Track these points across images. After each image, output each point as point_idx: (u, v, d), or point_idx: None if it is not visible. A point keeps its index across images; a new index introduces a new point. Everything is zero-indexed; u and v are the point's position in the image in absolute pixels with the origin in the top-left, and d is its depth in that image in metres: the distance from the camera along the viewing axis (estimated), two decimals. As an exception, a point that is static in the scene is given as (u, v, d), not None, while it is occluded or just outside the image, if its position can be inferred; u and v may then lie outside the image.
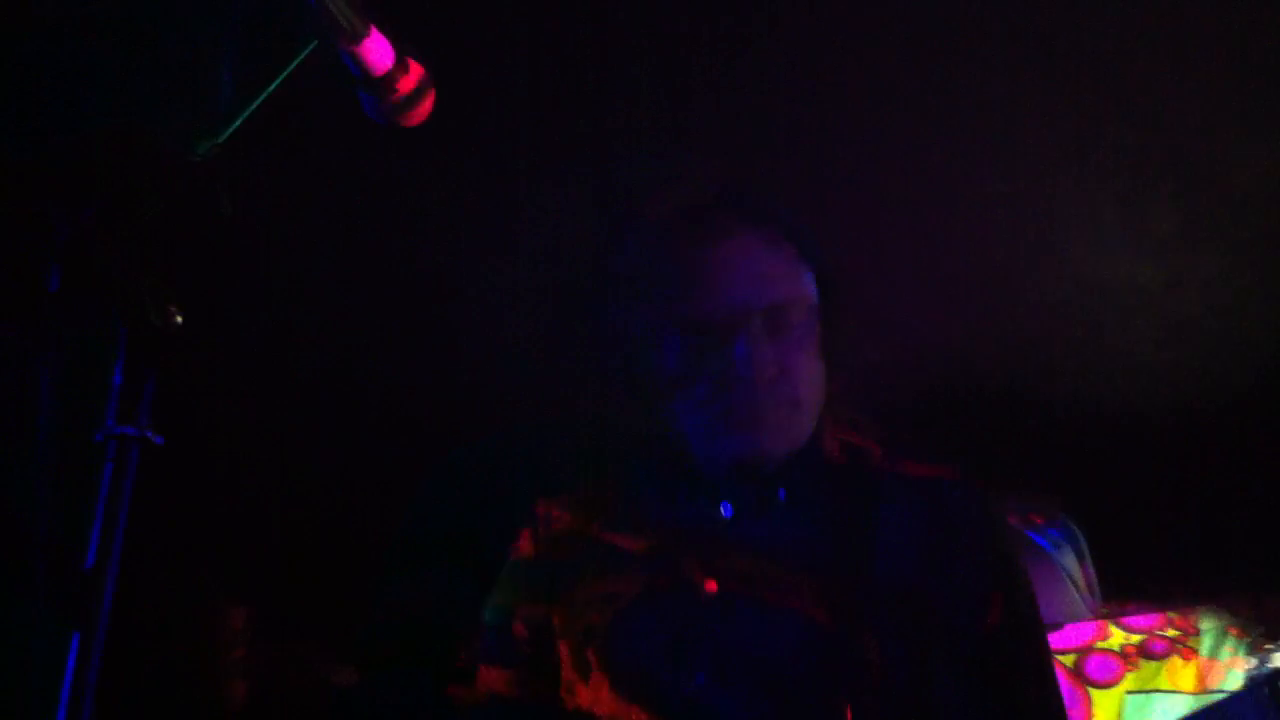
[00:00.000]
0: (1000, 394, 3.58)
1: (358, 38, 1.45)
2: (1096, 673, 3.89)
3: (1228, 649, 3.94)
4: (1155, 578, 3.84)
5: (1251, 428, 3.53)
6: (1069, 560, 3.64)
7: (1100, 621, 3.82)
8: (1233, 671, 3.93)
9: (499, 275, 3.17)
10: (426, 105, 1.57)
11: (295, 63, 1.30)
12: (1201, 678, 3.97)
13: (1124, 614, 4.04)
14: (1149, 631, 3.97)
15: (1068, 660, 3.73)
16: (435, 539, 1.80)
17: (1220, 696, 3.87)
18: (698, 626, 1.65)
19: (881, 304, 3.19)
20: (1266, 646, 3.88)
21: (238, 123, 1.20)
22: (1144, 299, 3.28)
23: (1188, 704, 3.88)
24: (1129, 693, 3.92)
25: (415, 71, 1.55)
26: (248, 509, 3.26)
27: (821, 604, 1.65)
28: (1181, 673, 4.00)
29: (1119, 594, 3.89)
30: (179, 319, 1.08)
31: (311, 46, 1.34)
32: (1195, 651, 3.97)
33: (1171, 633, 4.00)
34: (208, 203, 1.14)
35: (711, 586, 1.67)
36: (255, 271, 2.94)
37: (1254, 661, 3.87)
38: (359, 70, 1.48)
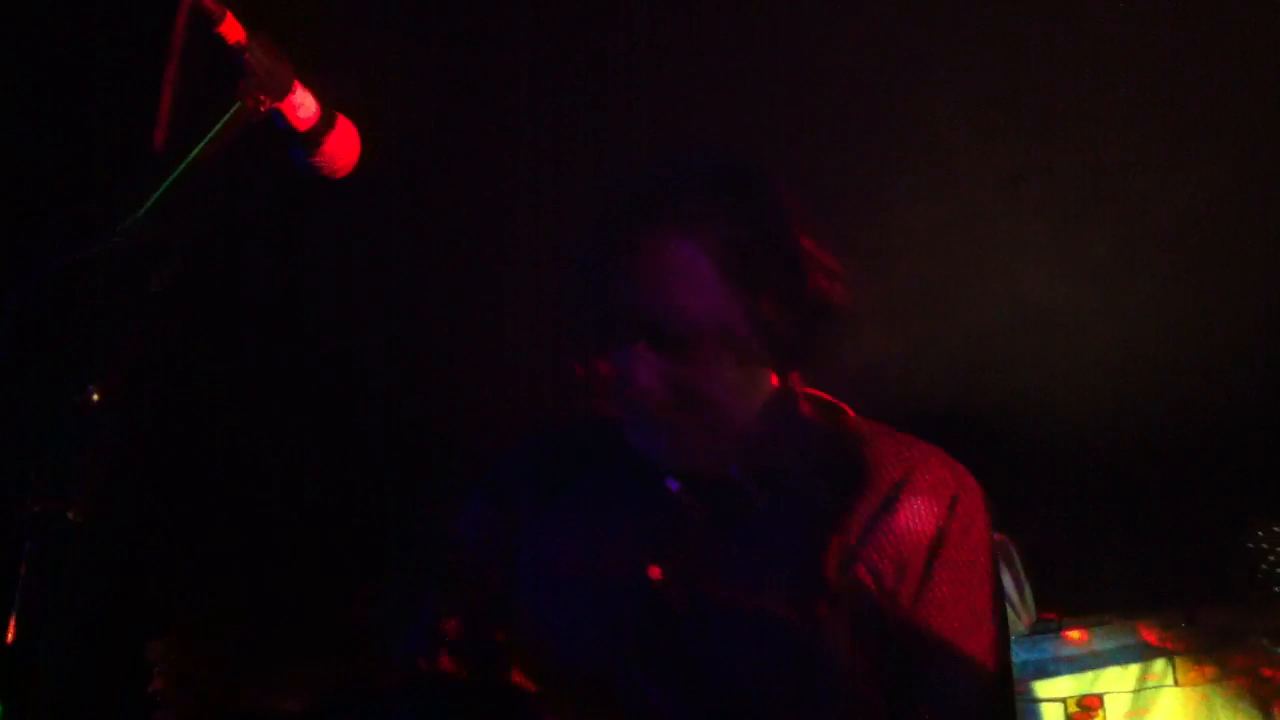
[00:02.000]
0: (940, 412, 3.61)
1: (282, 93, 1.44)
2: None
3: None
4: (1090, 592, 3.90)
5: (1182, 444, 3.60)
6: (1004, 576, 3.68)
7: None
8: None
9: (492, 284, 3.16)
10: (353, 157, 1.56)
11: (220, 125, 1.28)
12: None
13: (1060, 628, 4.14)
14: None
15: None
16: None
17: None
18: (635, 620, 1.54)
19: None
20: (1202, 661, 3.98)
21: (162, 190, 1.18)
22: (1079, 321, 3.32)
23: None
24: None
25: (340, 123, 1.54)
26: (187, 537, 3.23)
27: (784, 596, 1.50)
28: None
29: (1053, 608, 3.96)
30: (96, 397, 1.06)
31: (236, 107, 1.32)
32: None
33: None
34: (136, 278, 1.13)
35: (655, 573, 1.55)
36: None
37: None
38: (284, 125, 1.47)
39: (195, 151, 1.23)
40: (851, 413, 1.70)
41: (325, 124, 1.51)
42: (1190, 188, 2.90)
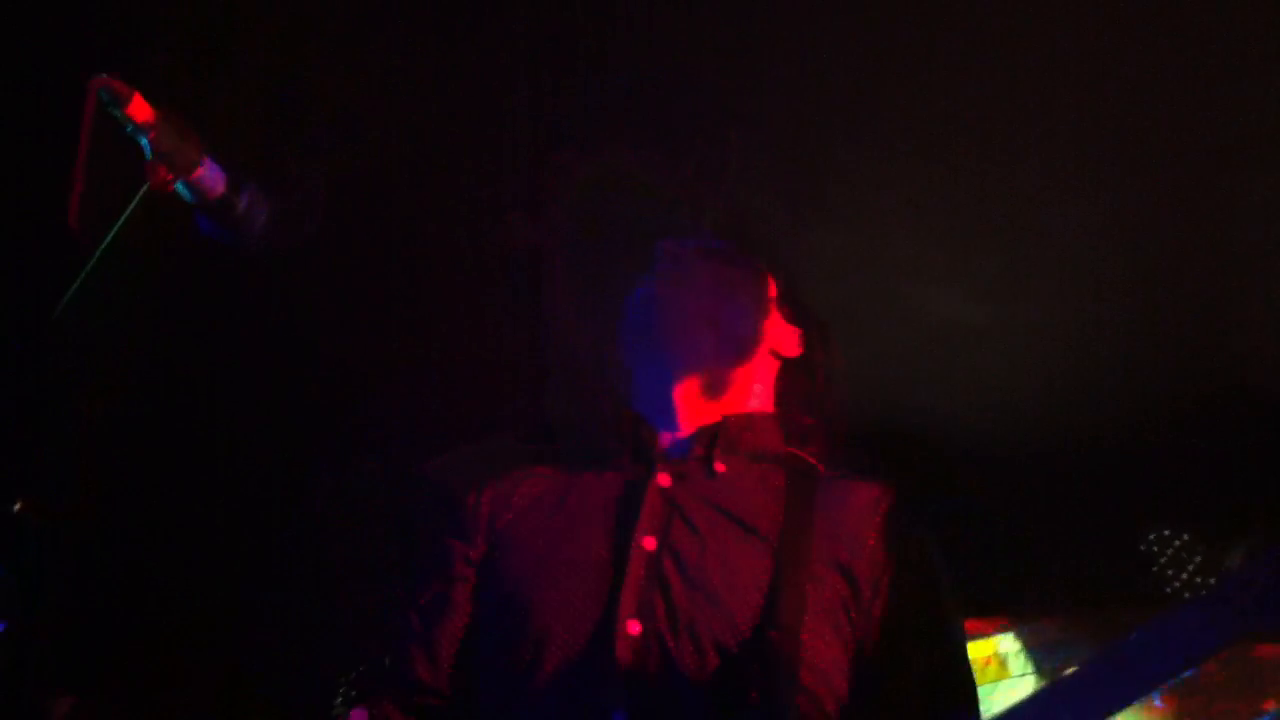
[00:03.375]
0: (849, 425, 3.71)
1: (190, 169, 1.50)
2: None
3: None
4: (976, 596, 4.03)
5: (1076, 453, 3.74)
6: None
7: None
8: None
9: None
10: (263, 221, 1.62)
11: (130, 209, 1.34)
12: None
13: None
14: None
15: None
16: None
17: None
18: (636, 583, 1.65)
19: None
20: (1070, 667, 4.10)
21: (80, 281, 1.24)
22: (977, 340, 3.44)
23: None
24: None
25: (249, 192, 1.60)
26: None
27: (767, 562, 1.67)
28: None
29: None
30: (16, 507, 1.12)
31: (144, 189, 1.38)
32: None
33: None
34: (56, 394, 1.18)
35: (650, 544, 1.68)
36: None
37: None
38: (195, 196, 1.53)
39: (109, 237, 1.28)
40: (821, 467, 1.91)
41: (233, 194, 1.57)
42: (1081, 214, 3.03)
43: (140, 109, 1.44)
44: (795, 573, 1.66)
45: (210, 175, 1.54)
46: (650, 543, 1.69)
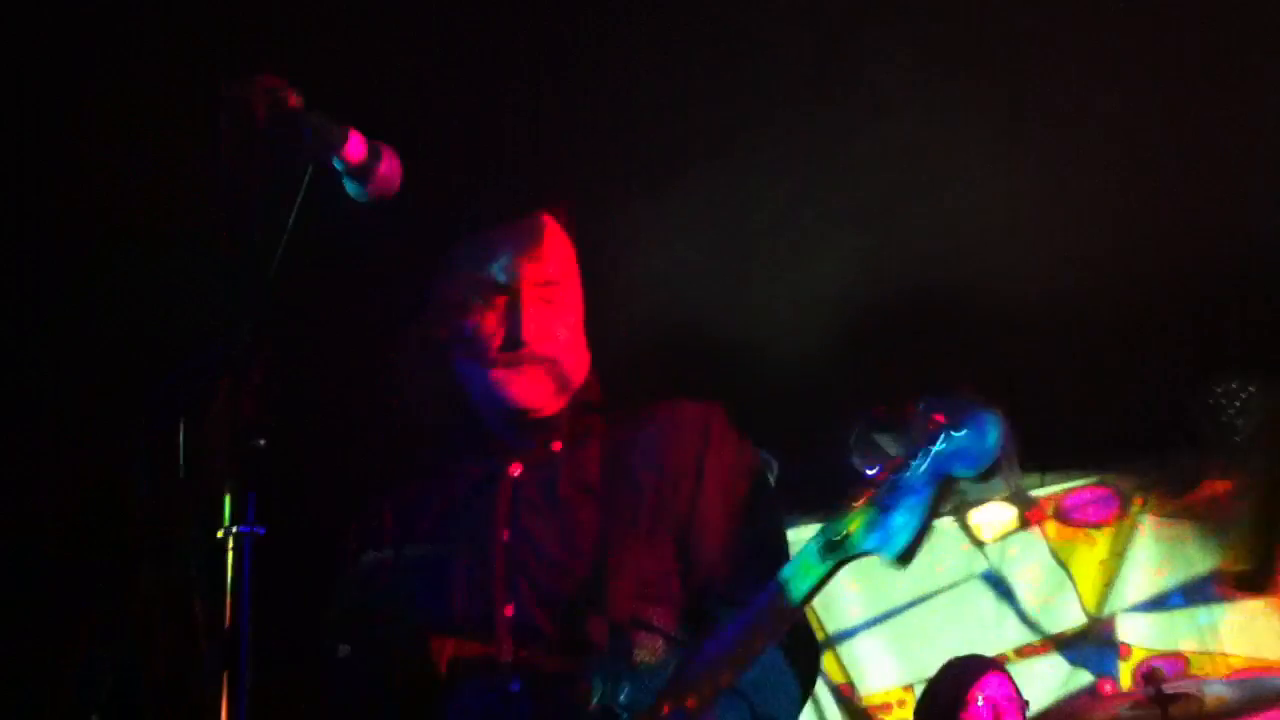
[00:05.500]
0: (912, 292, 3.98)
1: (344, 143, 1.81)
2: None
3: None
4: (1069, 448, 4.29)
5: (1143, 313, 4.02)
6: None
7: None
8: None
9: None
10: (399, 176, 1.92)
11: (304, 189, 1.65)
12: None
13: (1042, 485, 4.61)
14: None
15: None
16: None
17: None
18: (501, 572, 1.95)
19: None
20: (1170, 504, 4.42)
21: (278, 256, 1.57)
22: (1038, 213, 3.72)
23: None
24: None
25: (385, 151, 1.90)
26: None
27: (594, 513, 1.96)
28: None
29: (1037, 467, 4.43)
30: (262, 442, 1.51)
31: (310, 170, 1.69)
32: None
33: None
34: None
35: (505, 535, 1.97)
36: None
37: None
38: (344, 165, 1.84)
39: (293, 215, 1.61)
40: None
41: (373, 156, 1.87)
42: (1115, 99, 3.26)
43: (297, 99, 1.75)
44: (619, 511, 1.95)
45: (354, 145, 1.83)
46: (505, 534, 1.98)
